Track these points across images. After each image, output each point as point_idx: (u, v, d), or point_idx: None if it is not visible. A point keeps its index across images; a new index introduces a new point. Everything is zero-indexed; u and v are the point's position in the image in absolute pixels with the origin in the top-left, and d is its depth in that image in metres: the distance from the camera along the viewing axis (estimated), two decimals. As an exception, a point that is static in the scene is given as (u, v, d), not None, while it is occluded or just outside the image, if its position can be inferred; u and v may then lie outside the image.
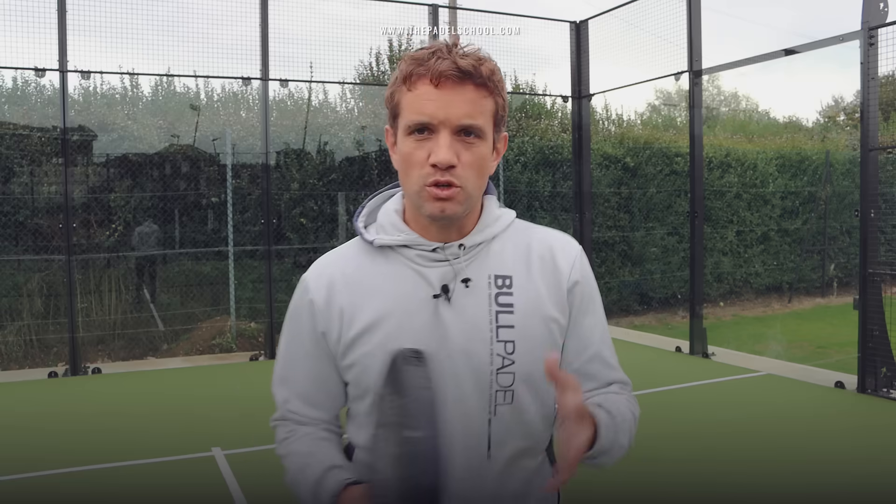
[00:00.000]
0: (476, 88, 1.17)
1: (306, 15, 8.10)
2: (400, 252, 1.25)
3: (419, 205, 1.21)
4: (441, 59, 1.15)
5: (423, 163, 1.17)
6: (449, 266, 1.23)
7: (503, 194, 9.84)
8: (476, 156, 1.19)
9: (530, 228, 1.35)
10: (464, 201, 1.19)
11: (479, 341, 1.21)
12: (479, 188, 1.23)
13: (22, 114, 8.42)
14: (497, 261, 1.26)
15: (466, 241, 1.24)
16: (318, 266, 1.32)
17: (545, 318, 1.26)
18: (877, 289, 5.95)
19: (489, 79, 1.18)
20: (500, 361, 1.21)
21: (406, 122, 1.19)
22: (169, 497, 4.06)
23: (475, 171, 1.19)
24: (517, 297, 1.24)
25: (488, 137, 1.21)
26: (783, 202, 12.16)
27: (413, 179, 1.20)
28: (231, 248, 8.45)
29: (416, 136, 1.18)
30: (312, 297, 1.28)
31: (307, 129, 9.23)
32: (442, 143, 1.16)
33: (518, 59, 11.27)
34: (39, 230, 7.92)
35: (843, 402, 5.86)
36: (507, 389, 1.22)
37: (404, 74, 1.19)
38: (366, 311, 1.23)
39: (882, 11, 5.73)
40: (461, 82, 1.16)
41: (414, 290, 1.23)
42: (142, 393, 6.47)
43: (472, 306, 1.22)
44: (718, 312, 11.07)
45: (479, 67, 1.16)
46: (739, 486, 4.06)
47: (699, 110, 7.77)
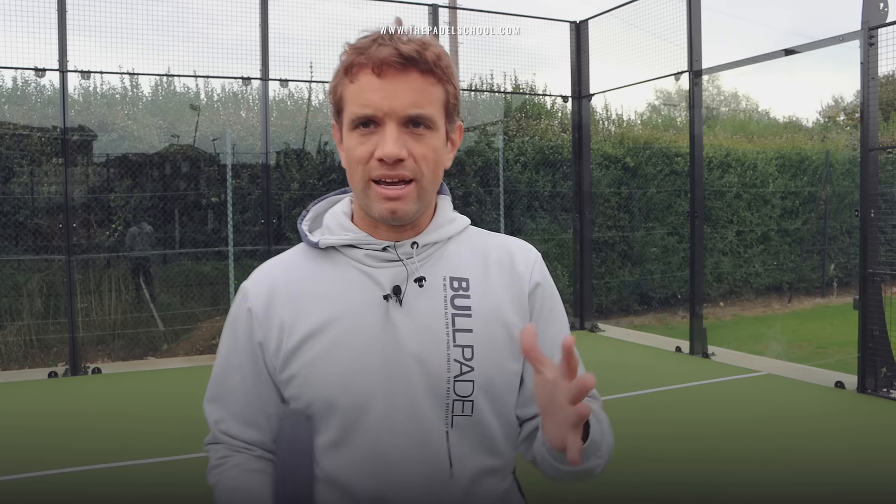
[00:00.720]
0: (422, 75, 1.08)
1: (306, 15, 8.10)
2: (346, 253, 1.17)
3: (367, 205, 1.12)
4: (381, 46, 1.07)
5: (369, 157, 1.09)
6: (401, 266, 1.14)
7: (503, 194, 9.85)
8: (428, 147, 1.10)
9: (486, 234, 1.27)
10: (416, 199, 1.11)
11: (434, 346, 1.11)
12: (434, 183, 1.14)
13: (22, 114, 8.42)
14: (452, 263, 1.18)
15: (420, 239, 1.16)
16: (259, 273, 1.22)
17: (506, 323, 1.16)
18: (877, 289, 5.95)
19: (435, 64, 1.08)
20: (458, 368, 1.11)
21: (349, 117, 1.10)
22: (169, 497, 4.06)
23: (428, 165, 1.10)
24: (475, 299, 1.15)
25: (440, 128, 1.11)
26: (783, 202, 12.16)
27: (358, 176, 1.11)
28: (231, 248, 8.45)
29: (361, 131, 1.09)
30: (251, 306, 1.18)
31: (307, 129, 9.23)
32: (388, 135, 1.07)
33: (518, 59, 11.32)
34: (39, 230, 7.92)
35: (843, 402, 5.86)
36: (466, 399, 1.11)
37: (345, 65, 1.10)
38: (308, 318, 1.13)
39: (882, 11, 5.73)
40: (404, 69, 1.06)
41: (361, 292, 1.13)
42: (142, 393, 6.47)
43: (426, 308, 1.13)
44: (718, 312, 11.08)
45: (423, 52, 1.07)
46: (739, 486, 4.06)
47: (699, 110, 7.77)
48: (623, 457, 4.73)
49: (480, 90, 10.72)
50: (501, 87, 10.94)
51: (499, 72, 10.62)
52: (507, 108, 11.03)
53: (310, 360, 1.12)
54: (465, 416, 1.12)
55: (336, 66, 1.14)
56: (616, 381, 6.50)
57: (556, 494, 3.96)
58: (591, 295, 9.67)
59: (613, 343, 8.68)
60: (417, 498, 1.10)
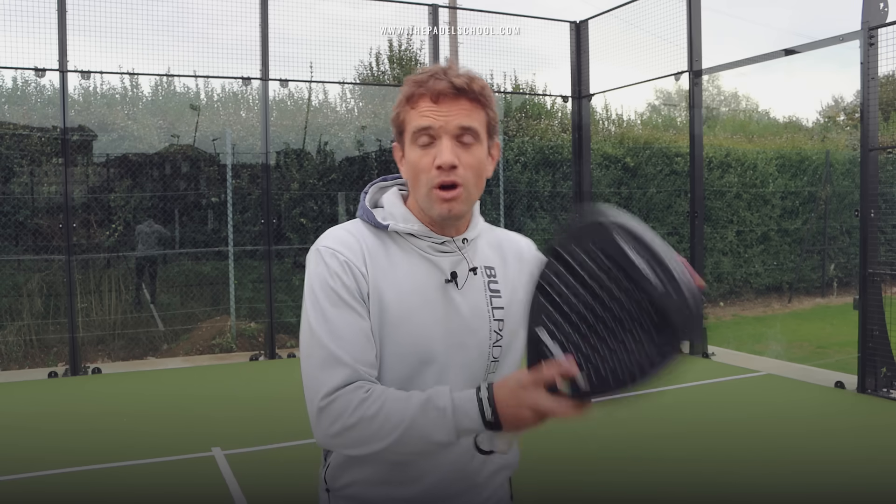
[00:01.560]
0: (469, 102, 1.35)
1: (306, 15, 8.10)
2: (409, 240, 1.40)
3: (428, 207, 1.37)
4: (438, 80, 1.34)
5: (429, 167, 1.34)
6: (455, 256, 1.41)
7: (503, 194, 9.85)
8: (474, 157, 1.36)
9: (493, 228, 1.56)
10: (466, 200, 1.37)
11: (481, 320, 1.41)
12: (479, 189, 1.40)
13: (22, 114, 8.42)
14: (484, 254, 1.47)
15: (468, 235, 1.44)
16: (338, 236, 1.39)
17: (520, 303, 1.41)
18: (877, 289, 5.95)
19: (480, 93, 1.36)
20: (495, 337, 1.42)
21: (412, 131, 1.36)
22: (169, 497, 4.06)
23: (474, 172, 1.37)
24: (501, 284, 1.46)
25: (483, 141, 1.38)
26: (783, 202, 12.16)
27: (422, 183, 1.36)
28: (231, 248, 8.45)
29: (421, 145, 1.35)
30: (346, 259, 1.35)
31: (307, 129, 9.23)
32: (444, 146, 1.33)
33: (518, 59, 11.30)
34: (39, 230, 7.92)
35: (843, 402, 5.86)
36: (496, 360, 1.43)
37: (407, 95, 1.37)
38: (391, 286, 1.36)
39: (882, 11, 5.73)
40: (457, 97, 1.34)
41: (428, 274, 1.39)
42: (142, 393, 6.48)
43: (475, 291, 1.42)
44: (718, 312, 11.08)
45: (471, 84, 1.34)
46: (739, 486, 4.06)
47: (699, 110, 7.77)
48: (623, 457, 4.75)
49: (480, 90, 10.71)
50: (501, 87, 10.94)
51: (499, 72, 10.61)
52: (507, 108, 11.03)
53: (385, 323, 1.34)
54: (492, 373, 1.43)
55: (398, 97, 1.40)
56: (616, 381, 6.49)
57: (556, 494, 3.96)
58: (591, 295, 9.65)
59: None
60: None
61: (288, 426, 5.12)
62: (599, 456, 4.60)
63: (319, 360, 1.31)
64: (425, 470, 1.38)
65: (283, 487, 4.10)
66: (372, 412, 1.25)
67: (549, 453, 4.60)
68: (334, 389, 1.28)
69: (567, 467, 4.38)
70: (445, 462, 1.38)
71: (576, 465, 4.44)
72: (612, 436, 5.00)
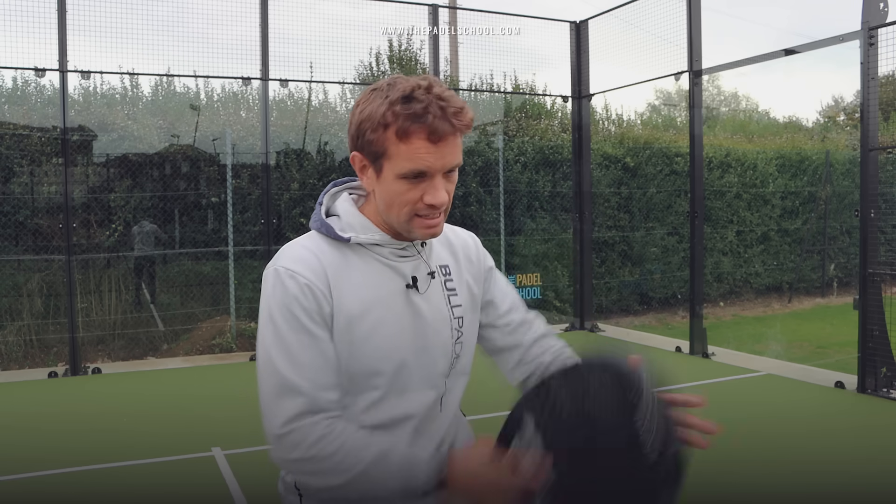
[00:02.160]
0: (459, 136, 1.31)
1: (306, 15, 8.10)
2: (370, 249, 1.38)
3: (407, 229, 1.35)
4: (437, 119, 1.25)
5: (417, 201, 1.31)
6: (416, 260, 1.42)
7: (503, 194, 9.85)
8: (454, 184, 1.36)
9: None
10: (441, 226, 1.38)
11: (443, 320, 1.43)
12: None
13: (22, 114, 8.42)
14: (438, 254, 1.49)
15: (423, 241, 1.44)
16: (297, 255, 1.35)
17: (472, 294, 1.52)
18: (877, 289, 5.95)
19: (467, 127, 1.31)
20: (457, 335, 1.46)
21: (401, 171, 1.28)
22: (169, 497, 4.06)
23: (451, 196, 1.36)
24: (456, 282, 1.49)
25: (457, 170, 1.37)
26: (783, 202, 12.16)
27: (404, 212, 1.32)
28: (231, 248, 8.45)
29: (411, 181, 1.29)
30: (307, 282, 1.30)
31: (307, 129, 9.23)
32: (438, 186, 1.30)
33: (518, 59, 11.29)
34: (39, 230, 7.92)
35: (843, 402, 5.86)
36: (458, 356, 1.47)
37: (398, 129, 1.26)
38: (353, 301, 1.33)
39: (882, 11, 5.73)
40: (454, 136, 1.29)
41: (390, 281, 1.38)
42: (142, 393, 6.48)
43: (435, 292, 1.43)
44: (718, 312, 11.08)
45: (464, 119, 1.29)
46: (739, 486, 4.06)
47: (699, 110, 7.77)
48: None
49: (480, 90, 10.73)
50: (501, 87, 10.95)
51: (499, 72, 10.62)
52: (507, 108, 11.03)
53: (358, 338, 1.33)
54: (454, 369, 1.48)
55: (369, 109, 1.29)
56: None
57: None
58: (591, 295, 9.67)
59: (613, 343, 8.68)
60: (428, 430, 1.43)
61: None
62: (599, 456, 4.60)
63: (277, 387, 1.28)
64: None
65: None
66: (328, 452, 1.26)
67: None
68: (292, 418, 1.27)
69: (567, 467, 4.37)
70: None
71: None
72: (612, 436, 5.00)
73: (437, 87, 1.28)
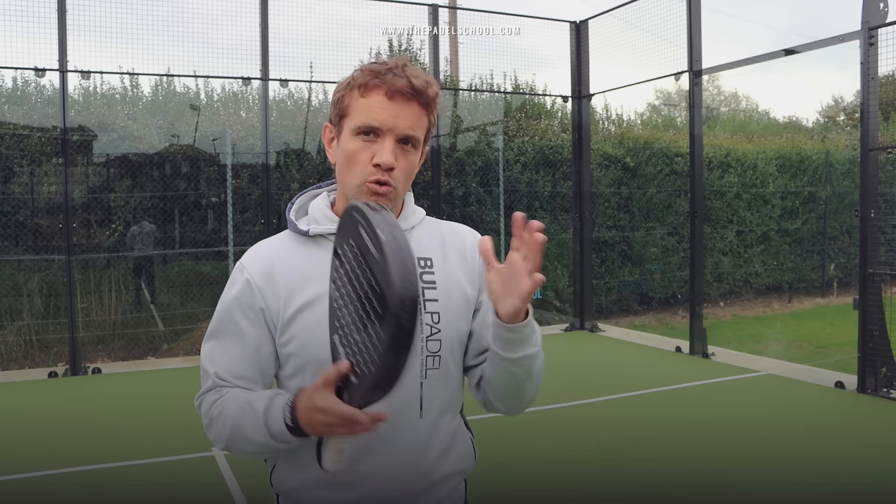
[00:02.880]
0: (420, 107, 1.34)
1: (306, 15, 8.10)
2: (331, 239, 1.35)
3: (356, 197, 1.35)
4: (397, 77, 1.32)
5: (367, 162, 1.33)
6: None
7: (503, 194, 9.85)
8: (409, 163, 1.37)
9: (439, 222, 1.54)
10: (394, 199, 1.37)
11: None
12: (406, 189, 1.42)
13: (22, 114, 8.42)
14: (417, 246, 1.42)
15: None
16: (255, 251, 1.44)
17: (462, 293, 1.44)
18: (877, 289, 5.95)
19: (432, 100, 1.36)
20: (429, 330, 1.38)
21: (356, 124, 1.34)
22: (169, 497, 4.06)
23: (406, 176, 1.37)
24: (438, 275, 1.42)
25: (419, 148, 1.39)
26: (783, 202, 12.16)
27: (355, 174, 1.35)
28: (231, 248, 8.45)
29: (363, 138, 1.33)
30: (249, 278, 1.38)
31: (307, 129, 9.23)
32: (387, 147, 1.32)
33: (518, 59, 11.29)
34: (39, 230, 7.92)
35: (843, 402, 5.86)
36: (436, 355, 1.39)
37: (359, 83, 1.35)
38: (303, 292, 1.36)
39: (882, 11, 5.73)
40: (410, 99, 1.33)
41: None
42: (142, 393, 6.48)
43: None
44: (718, 312, 11.08)
45: (426, 90, 1.34)
46: (739, 486, 4.06)
47: (699, 110, 7.77)
48: (623, 457, 4.74)
49: (480, 90, 10.72)
50: (501, 87, 10.94)
51: (499, 72, 10.62)
52: (507, 108, 11.03)
53: (305, 328, 1.35)
54: (435, 369, 1.39)
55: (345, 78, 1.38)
56: (616, 382, 6.50)
57: (556, 494, 3.96)
58: (591, 295, 9.67)
59: (613, 343, 8.68)
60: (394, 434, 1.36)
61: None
62: (599, 456, 4.60)
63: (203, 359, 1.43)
64: (367, 472, 1.36)
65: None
66: (215, 413, 1.36)
67: (548, 453, 4.60)
68: (199, 395, 1.43)
69: (567, 467, 4.38)
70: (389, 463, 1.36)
71: (576, 465, 4.44)
72: (612, 436, 5.00)
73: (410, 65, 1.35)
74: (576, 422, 5.33)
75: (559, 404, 5.69)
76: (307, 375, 1.35)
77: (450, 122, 9.91)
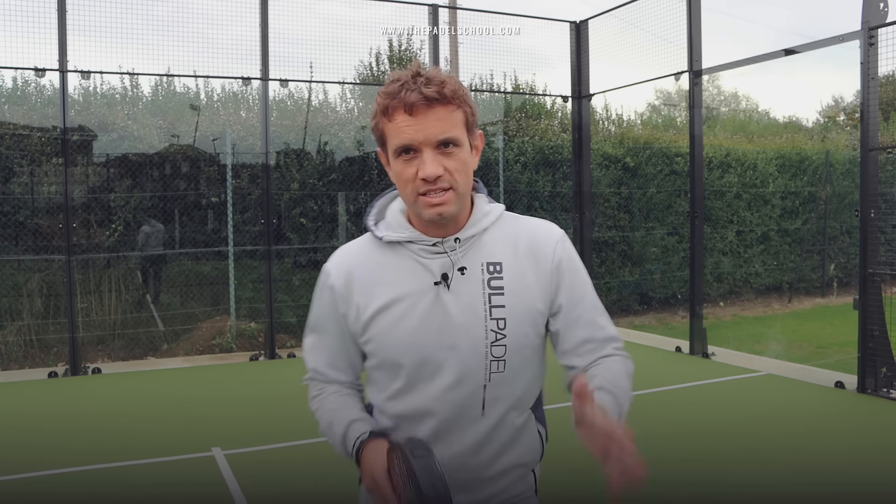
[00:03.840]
0: (444, 107, 1.36)
1: (306, 15, 8.10)
2: (405, 246, 1.46)
3: (418, 211, 1.41)
4: (409, 91, 1.34)
5: (414, 178, 1.37)
6: (447, 257, 1.44)
7: (503, 194, 9.85)
8: (458, 161, 1.38)
9: (518, 219, 1.54)
10: (456, 201, 1.39)
11: (474, 319, 1.42)
12: (467, 186, 1.42)
13: (22, 114, 8.42)
14: (488, 250, 1.46)
15: (461, 234, 1.45)
16: (337, 257, 1.54)
17: (530, 298, 1.46)
18: (877, 289, 5.95)
19: (453, 96, 1.37)
20: (494, 336, 1.42)
21: (393, 147, 1.39)
22: (169, 497, 4.06)
23: (460, 174, 1.39)
24: (507, 280, 1.44)
25: (465, 143, 1.40)
26: (783, 202, 12.16)
27: (408, 192, 1.40)
28: (231, 248, 8.45)
29: (404, 157, 1.38)
30: (333, 283, 1.50)
31: (307, 129, 9.23)
32: (427, 159, 1.35)
33: (518, 59, 11.30)
34: (39, 230, 7.92)
35: (843, 402, 5.86)
36: (500, 360, 1.43)
37: (382, 108, 1.39)
38: (379, 297, 1.45)
39: (882, 11, 5.73)
40: (430, 106, 1.34)
41: (418, 278, 1.44)
42: (142, 393, 6.48)
43: (468, 291, 1.43)
44: (718, 312, 11.07)
45: (442, 90, 1.35)
46: (739, 486, 4.06)
47: (699, 110, 7.77)
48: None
49: (480, 90, 10.72)
50: (501, 87, 10.94)
51: (499, 72, 10.62)
52: (507, 108, 11.03)
53: (381, 330, 1.45)
54: (500, 373, 1.44)
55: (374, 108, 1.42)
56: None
57: (556, 494, 3.95)
58: (591, 295, 9.65)
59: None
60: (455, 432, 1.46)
61: (288, 426, 5.12)
62: (599, 456, 4.60)
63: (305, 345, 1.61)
64: None
65: (283, 487, 4.10)
66: (314, 408, 1.58)
67: (548, 453, 4.60)
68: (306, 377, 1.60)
69: (567, 467, 4.37)
70: (449, 456, 1.44)
71: (575, 465, 4.43)
72: (612, 436, 5.00)
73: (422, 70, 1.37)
74: (576, 422, 5.33)
75: (559, 404, 5.69)
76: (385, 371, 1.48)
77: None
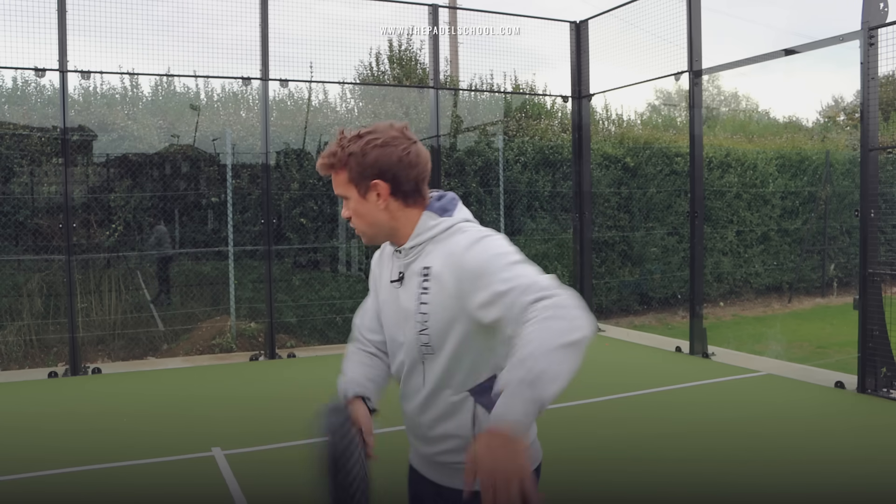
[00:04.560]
0: (337, 171, 1.76)
1: (306, 15, 8.10)
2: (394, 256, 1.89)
3: None
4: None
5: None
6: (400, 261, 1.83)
7: (503, 194, 9.85)
8: (353, 210, 1.79)
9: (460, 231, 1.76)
10: (366, 234, 1.82)
11: (411, 311, 1.77)
12: (372, 225, 1.79)
13: (22, 114, 8.42)
14: (430, 258, 1.76)
15: (404, 246, 1.81)
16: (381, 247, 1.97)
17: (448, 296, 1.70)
18: (877, 289, 5.95)
19: (337, 162, 1.74)
20: (420, 326, 1.75)
21: None
22: (169, 497, 4.06)
23: (360, 220, 1.79)
24: (432, 282, 1.74)
25: (354, 195, 1.76)
26: (783, 202, 12.16)
27: None
28: (231, 248, 8.45)
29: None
30: (372, 263, 1.99)
31: (307, 129, 9.23)
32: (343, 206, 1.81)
33: (518, 59, 11.31)
34: (39, 230, 7.92)
35: (843, 402, 5.86)
36: (427, 345, 1.76)
37: None
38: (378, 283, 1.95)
39: (882, 11, 5.73)
40: (329, 171, 1.78)
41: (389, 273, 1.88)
42: (142, 393, 6.48)
43: (409, 289, 1.79)
44: (718, 312, 11.08)
45: (326, 161, 1.76)
46: (739, 486, 4.06)
47: (699, 110, 7.77)
48: (623, 457, 4.73)
49: (480, 90, 10.73)
50: (501, 87, 10.94)
51: (499, 72, 10.62)
52: (507, 108, 11.03)
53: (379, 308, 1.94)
54: (431, 355, 1.77)
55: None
56: (616, 382, 6.50)
57: (556, 494, 3.95)
58: (592, 295, 9.67)
59: (613, 343, 8.68)
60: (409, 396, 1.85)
61: (288, 426, 5.12)
62: (599, 456, 4.60)
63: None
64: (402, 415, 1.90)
65: (283, 487, 4.11)
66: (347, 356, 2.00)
67: (548, 453, 4.59)
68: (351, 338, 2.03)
69: (567, 467, 4.37)
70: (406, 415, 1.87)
71: (575, 465, 4.43)
72: (612, 436, 5.01)
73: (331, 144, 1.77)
74: (576, 422, 5.33)
75: (559, 404, 5.69)
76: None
77: (450, 122, 9.91)
